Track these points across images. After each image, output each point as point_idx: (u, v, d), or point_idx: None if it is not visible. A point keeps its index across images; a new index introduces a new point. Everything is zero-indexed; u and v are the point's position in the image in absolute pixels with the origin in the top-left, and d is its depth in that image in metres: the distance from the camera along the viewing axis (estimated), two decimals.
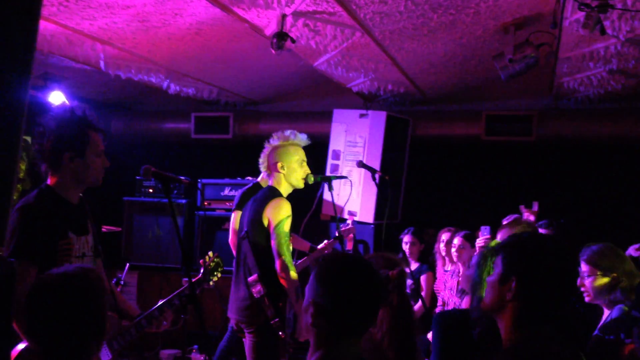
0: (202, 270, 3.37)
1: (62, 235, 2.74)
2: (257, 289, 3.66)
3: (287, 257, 3.63)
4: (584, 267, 2.95)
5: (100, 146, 2.86)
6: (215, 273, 3.44)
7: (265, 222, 3.71)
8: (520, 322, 1.84)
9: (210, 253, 3.45)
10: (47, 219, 2.70)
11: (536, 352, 1.80)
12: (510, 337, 1.86)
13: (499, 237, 3.54)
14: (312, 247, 4.45)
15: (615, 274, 2.89)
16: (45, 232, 2.68)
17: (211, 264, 3.41)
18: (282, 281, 3.62)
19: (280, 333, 3.60)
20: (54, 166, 2.80)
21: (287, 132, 3.87)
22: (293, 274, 3.63)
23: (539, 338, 1.82)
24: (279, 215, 3.67)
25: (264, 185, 4.50)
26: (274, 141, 3.88)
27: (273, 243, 3.67)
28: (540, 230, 4.48)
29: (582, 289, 2.97)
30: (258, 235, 3.73)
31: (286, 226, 3.67)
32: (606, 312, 2.95)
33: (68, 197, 2.83)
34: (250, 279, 3.70)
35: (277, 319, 3.61)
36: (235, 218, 4.53)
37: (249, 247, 3.73)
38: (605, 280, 2.90)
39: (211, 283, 3.39)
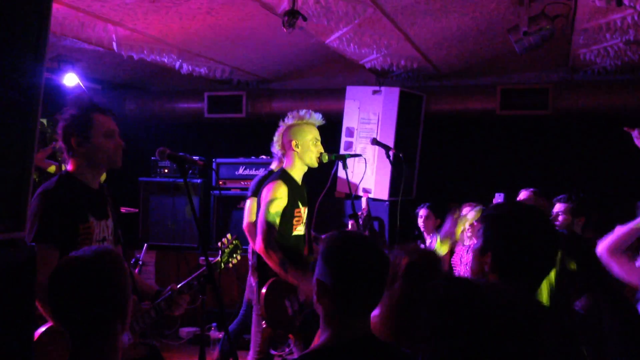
0: (220, 254, 3.36)
1: (82, 219, 2.77)
2: (250, 279, 3.77)
3: (265, 237, 3.66)
4: None
5: (108, 127, 2.86)
6: (235, 255, 3.40)
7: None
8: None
9: (229, 235, 3.43)
10: (67, 203, 2.73)
11: None
12: None
13: None
14: (317, 237, 4.46)
15: None
16: (66, 216, 2.71)
17: (230, 246, 3.38)
18: (266, 261, 3.67)
19: (263, 323, 3.64)
20: (68, 152, 2.85)
21: (302, 112, 3.87)
22: (274, 251, 3.66)
23: None
24: (269, 195, 3.72)
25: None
26: (289, 120, 3.88)
27: (258, 221, 3.71)
28: (559, 205, 4.46)
29: None
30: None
31: (273, 207, 3.70)
32: None
33: (87, 181, 2.86)
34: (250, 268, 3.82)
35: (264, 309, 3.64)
36: (250, 205, 4.55)
37: (248, 233, 3.78)
38: None
39: (230, 265, 3.38)
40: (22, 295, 2.11)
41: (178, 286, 2.97)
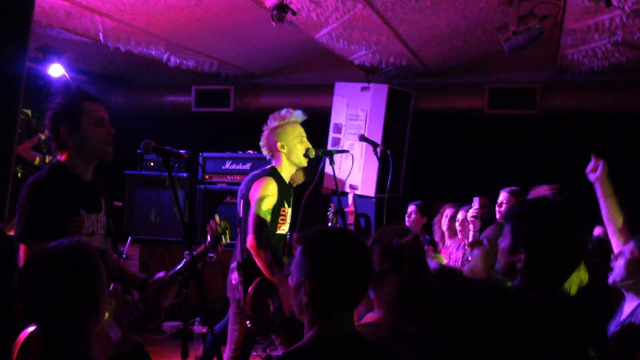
0: (209, 236, 3.25)
1: (73, 212, 2.70)
2: (234, 276, 3.73)
3: (258, 235, 3.63)
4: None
5: (98, 114, 2.80)
6: (224, 238, 3.26)
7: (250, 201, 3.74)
8: (530, 287, 1.89)
9: (217, 217, 3.30)
10: (57, 195, 2.65)
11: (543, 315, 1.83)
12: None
13: None
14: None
15: None
16: (55, 209, 2.63)
17: (218, 228, 3.26)
18: (255, 258, 3.64)
19: (247, 323, 3.61)
20: (57, 142, 2.76)
21: (283, 112, 3.85)
22: (264, 250, 3.64)
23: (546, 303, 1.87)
24: (259, 192, 3.68)
25: None
26: (271, 123, 3.87)
27: (249, 218, 3.69)
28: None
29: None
30: (246, 215, 3.76)
31: (264, 204, 3.67)
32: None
33: (80, 173, 2.78)
34: (232, 264, 3.78)
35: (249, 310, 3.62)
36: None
37: (239, 230, 3.76)
38: None
39: (219, 248, 3.26)
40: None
41: (169, 274, 2.92)
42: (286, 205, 3.86)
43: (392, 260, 2.10)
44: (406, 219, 5.72)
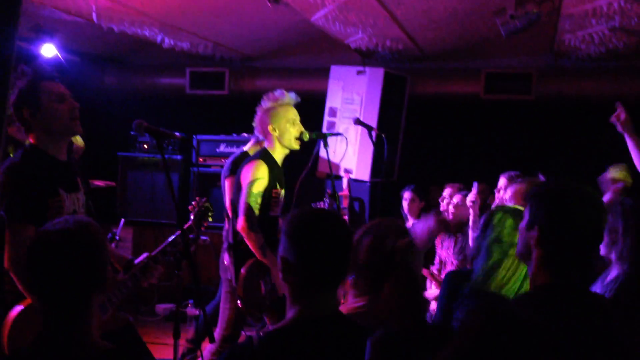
0: (192, 217, 3.27)
1: (52, 192, 2.71)
2: (226, 257, 3.78)
3: (249, 217, 3.63)
4: None
5: (57, 91, 2.78)
6: (206, 217, 3.29)
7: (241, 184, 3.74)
8: (544, 267, 1.88)
9: (198, 198, 3.31)
10: (35, 176, 2.66)
11: (555, 296, 1.83)
12: (535, 282, 1.90)
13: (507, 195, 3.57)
14: None
15: None
16: (34, 191, 2.64)
17: (201, 209, 3.27)
18: (246, 240, 3.64)
19: (238, 302, 3.63)
20: (24, 126, 2.77)
21: (277, 93, 3.83)
22: (255, 232, 3.64)
23: (561, 284, 1.85)
24: (251, 175, 3.68)
25: (251, 152, 4.48)
26: (264, 104, 3.85)
27: (240, 201, 3.68)
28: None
29: None
30: (236, 198, 3.76)
31: (255, 187, 3.67)
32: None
33: (53, 153, 2.78)
34: (224, 245, 3.82)
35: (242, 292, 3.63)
36: (228, 185, 4.52)
37: (230, 212, 3.76)
38: None
39: (202, 228, 3.28)
40: None
41: (153, 253, 2.93)
42: (279, 187, 3.85)
43: (379, 260, 2.07)
44: (405, 203, 5.70)
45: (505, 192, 4.31)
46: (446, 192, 5.28)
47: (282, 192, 3.92)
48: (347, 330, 1.80)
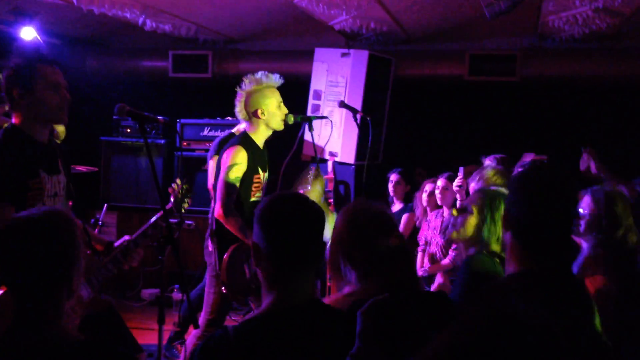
0: (172, 199, 3.21)
1: (32, 174, 2.68)
2: (209, 242, 3.76)
3: (225, 202, 3.61)
4: None
5: (53, 79, 2.73)
6: (186, 200, 3.23)
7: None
8: (514, 254, 1.91)
9: (178, 180, 3.25)
10: (15, 157, 2.63)
11: (524, 283, 1.83)
12: (508, 268, 1.92)
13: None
14: None
15: None
16: (13, 171, 2.61)
17: (180, 191, 3.21)
18: (226, 226, 3.64)
19: (222, 288, 3.63)
20: (11, 104, 2.72)
21: (259, 75, 3.77)
22: (233, 216, 3.62)
23: (532, 271, 1.87)
24: (229, 161, 3.66)
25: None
26: (247, 86, 3.77)
27: (217, 186, 3.68)
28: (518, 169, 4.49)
29: None
30: (217, 183, 3.75)
31: (232, 173, 3.65)
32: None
33: (35, 135, 2.74)
34: (207, 232, 3.80)
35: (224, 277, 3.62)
36: (213, 165, 4.50)
37: (212, 196, 3.75)
38: None
39: (183, 210, 3.24)
40: None
41: (134, 235, 2.90)
42: (260, 172, 3.82)
43: (371, 257, 1.97)
44: (390, 185, 5.71)
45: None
46: (427, 187, 5.28)
47: (265, 175, 3.89)
48: (324, 316, 1.77)
